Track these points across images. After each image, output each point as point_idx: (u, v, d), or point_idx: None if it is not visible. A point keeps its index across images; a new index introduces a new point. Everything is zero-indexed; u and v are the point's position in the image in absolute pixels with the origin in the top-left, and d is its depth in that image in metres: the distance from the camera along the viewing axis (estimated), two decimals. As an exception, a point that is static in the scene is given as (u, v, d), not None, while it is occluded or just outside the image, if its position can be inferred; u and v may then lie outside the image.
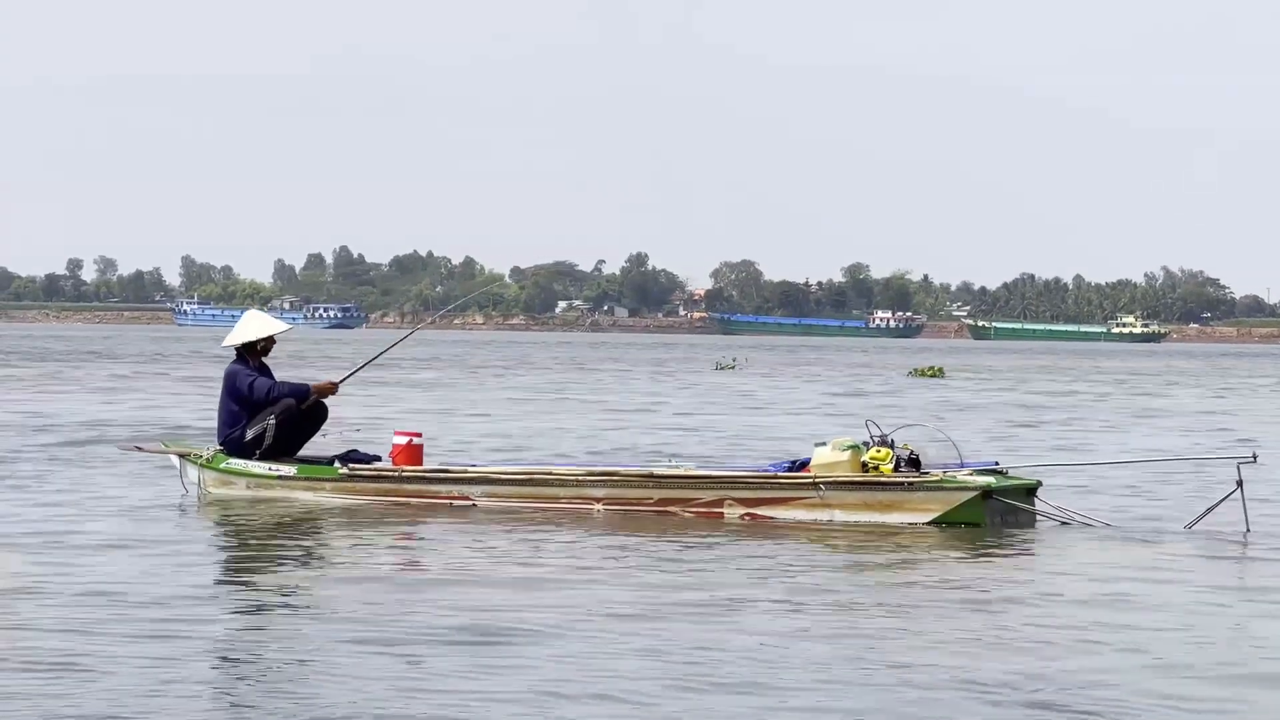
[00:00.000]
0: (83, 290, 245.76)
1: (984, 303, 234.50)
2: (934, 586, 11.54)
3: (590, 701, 7.99)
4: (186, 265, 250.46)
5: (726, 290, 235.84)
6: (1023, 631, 9.89)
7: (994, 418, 32.04)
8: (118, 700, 7.84)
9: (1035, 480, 14.87)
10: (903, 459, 14.52)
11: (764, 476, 14.74)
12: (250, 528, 14.12)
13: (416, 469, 15.41)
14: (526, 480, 15.19)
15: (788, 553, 12.90)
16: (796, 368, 65.50)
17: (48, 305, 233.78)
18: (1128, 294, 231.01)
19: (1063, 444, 25.05)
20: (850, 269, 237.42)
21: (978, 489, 14.25)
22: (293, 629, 9.73)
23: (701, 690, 8.22)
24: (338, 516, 14.69)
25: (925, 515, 14.26)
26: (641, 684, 8.30)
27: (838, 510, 14.42)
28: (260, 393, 15.59)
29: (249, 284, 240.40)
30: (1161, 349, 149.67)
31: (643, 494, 14.83)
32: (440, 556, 12.67)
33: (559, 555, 12.66)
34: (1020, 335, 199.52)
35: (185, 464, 16.08)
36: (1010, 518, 14.45)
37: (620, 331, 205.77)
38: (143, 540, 13.12)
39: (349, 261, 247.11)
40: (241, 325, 16.00)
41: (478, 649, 9.08)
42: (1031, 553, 13.36)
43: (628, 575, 11.79)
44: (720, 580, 11.57)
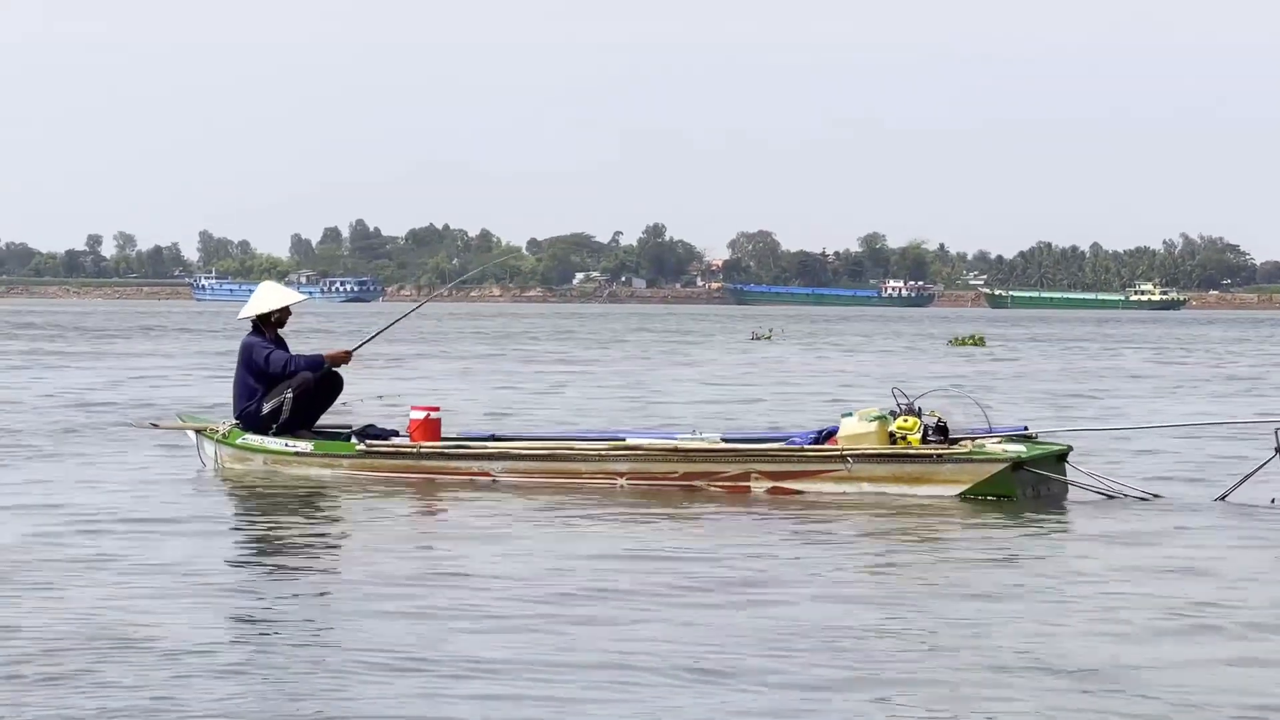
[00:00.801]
0: (102, 266, 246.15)
1: (1001, 272, 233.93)
2: (968, 563, 11.27)
3: (621, 687, 7.74)
4: (204, 240, 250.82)
5: (744, 261, 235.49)
6: (1053, 606, 9.63)
7: (1041, 386, 31.74)
8: (136, 685, 7.62)
9: (1065, 446, 14.58)
10: (930, 427, 14.24)
11: (790, 449, 14.46)
12: (267, 504, 13.88)
13: (435, 444, 15.13)
14: (548, 455, 14.90)
15: (815, 527, 12.64)
16: (832, 337, 65.16)
17: (68, 281, 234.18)
18: (1146, 261, 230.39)
19: (1106, 410, 24.76)
20: (867, 239, 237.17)
21: (1008, 460, 13.96)
22: (309, 607, 9.49)
23: (734, 675, 7.97)
24: (355, 493, 14.44)
25: (955, 488, 13.98)
26: (663, 663, 8.06)
27: (865, 483, 14.14)
28: (276, 366, 15.34)
29: (266, 258, 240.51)
30: (1181, 316, 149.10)
31: (667, 468, 14.55)
32: (460, 533, 12.41)
33: (583, 530, 12.40)
34: (1037, 304, 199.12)
35: (202, 439, 15.84)
36: (1042, 488, 14.18)
37: (638, 303, 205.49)
38: (158, 517, 12.88)
39: (365, 235, 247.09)
40: (257, 296, 15.74)
41: (504, 631, 8.84)
42: (1062, 524, 13.08)
43: (654, 550, 11.52)
44: (752, 555, 11.31)
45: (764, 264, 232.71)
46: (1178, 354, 50.80)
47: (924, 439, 14.16)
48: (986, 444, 14.21)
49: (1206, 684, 7.83)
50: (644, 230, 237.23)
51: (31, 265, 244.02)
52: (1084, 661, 8.22)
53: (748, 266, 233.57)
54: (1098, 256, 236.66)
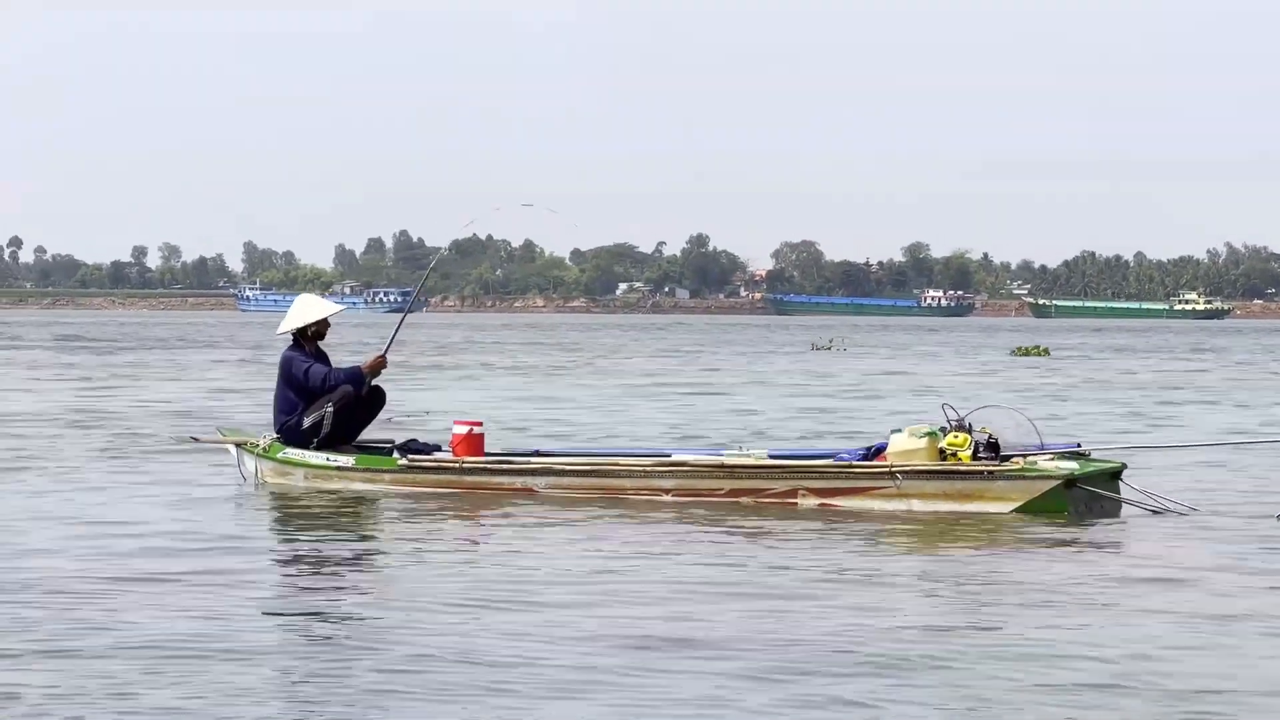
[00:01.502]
0: (147, 277, 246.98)
1: (1044, 281, 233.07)
2: (1021, 583, 11.03)
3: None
4: (249, 251, 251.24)
5: (787, 271, 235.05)
6: (1108, 627, 9.40)
7: (1106, 398, 31.41)
8: (184, 700, 7.52)
9: (1120, 464, 14.32)
10: (981, 443, 14.00)
11: (839, 465, 14.23)
12: (307, 520, 13.72)
13: (478, 460, 14.94)
14: (592, 471, 14.69)
15: (863, 546, 12.42)
16: (891, 348, 64.62)
17: (113, 292, 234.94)
18: (1190, 271, 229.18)
19: (1164, 423, 24.46)
20: (910, 248, 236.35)
21: (1061, 477, 13.72)
22: (349, 626, 9.31)
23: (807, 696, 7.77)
24: (397, 508, 14.26)
25: (1007, 505, 13.74)
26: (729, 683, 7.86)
27: (915, 500, 13.91)
28: (316, 380, 15.16)
29: (310, 269, 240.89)
30: (1225, 325, 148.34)
31: (713, 484, 14.33)
32: (503, 550, 12.23)
33: (627, 548, 12.20)
34: (1081, 313, 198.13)
35: (242, 453, 15.68)
36: (1095, 505, 13.92)
37: (681, 313, 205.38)
38: (198, 533, 12.73)
39: (409, 246, 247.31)
40: (294, 310, 15.54)
41: (552, 647, 8.65)
42: (1115, 543, 12.83)
43: (701, 569, 11.32)
44: (802, 573, 11.10)
45: (807, 274, 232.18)
46: (1243, 360, 50.24)
47: (975, 455, 13.93)
48: (1039, 461, 13.96)
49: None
50: (688, 240, 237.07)
51: (77, 276, 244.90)
52: (1156, 682, 8.01)
53: (791, 277, 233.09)
54: (1141, 266, 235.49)
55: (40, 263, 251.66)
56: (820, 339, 68.91)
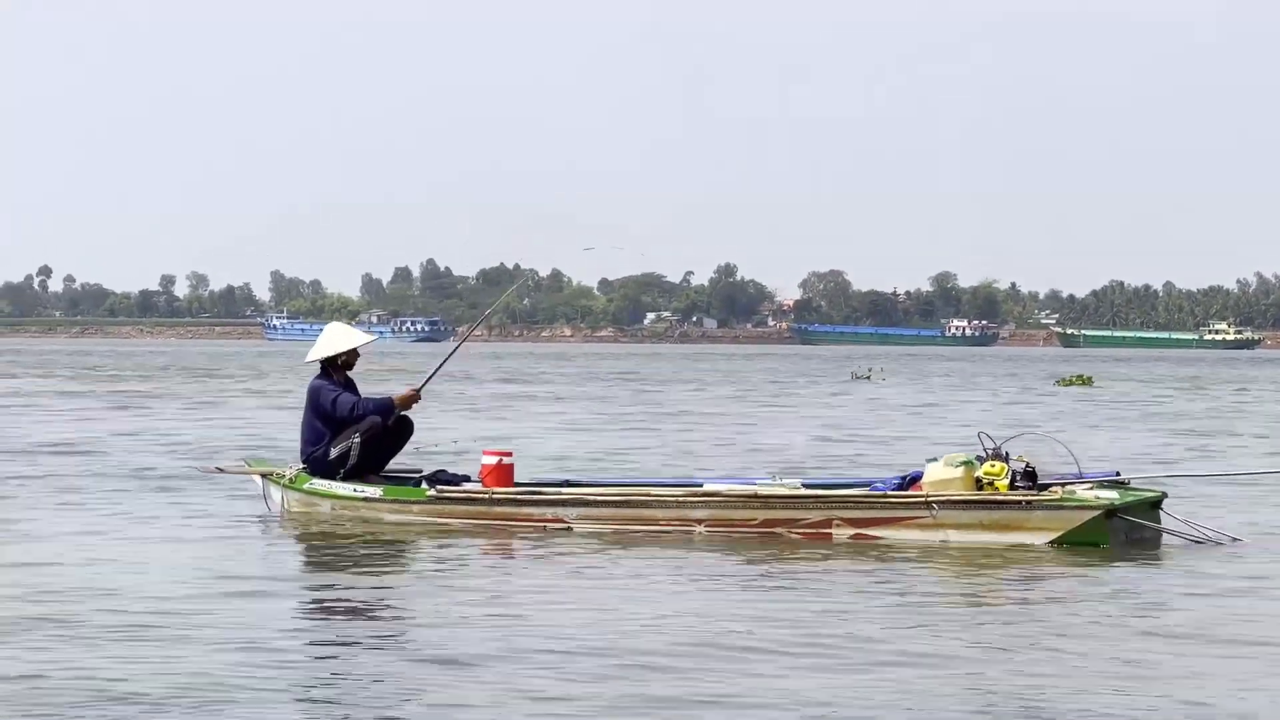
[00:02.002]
0: (175, 306, 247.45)
1: (1073, 311, 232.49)
2: (1066, 617, 10.78)
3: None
4: (276, 280, 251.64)
5: (815, 300, 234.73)
6: (1154, 663, 9.16)
7: (1149, 427, 31.07)
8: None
9: (1160, 493, 14.06)
10: (1018, 472, 13.76)
11: (873, 496, 14.00)
12: (335, 552, 13.51)
13: (507, 490, 14.72)
14: (624, 502, 14.46)
15: (900, 577, 12.18)
16: (931, 378, 64.00)
17: (141, 321, 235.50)
18: (1219, 300, 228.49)
19: (1208, 453, 24.12)
20: (938, 278, 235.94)
21: (1100, 508, 13.47)
22: (380, 661, 9.10)
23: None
24: (426, 540, 14.04)
25: (1045, 536, 13.49)
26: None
27: (951, 531, 13.67)
28: (344, 410, 14.95)
29: (337, 298, 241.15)
30: (1256, 355, 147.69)
31: (746, 515, 14.10)
32: (534, 583, 12.01)
33: (660, 580, 11.97)
34: (1110, 343, 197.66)
35: (268, 484, 15.47)
36: (1135, 536, 13.66)
37: (708, 343, 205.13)
38: (222, 566, 12.53)
39: (436, 275, 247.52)
40: (323, 339, 15.34)
41: (582, 684, 8.44)
42: (1158, 575, 12.57)
43: (736, 606, 11.09)
44: (837, 607, 10.87)
45: (835, 303, 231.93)
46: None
47: (1012, 485, 13.68)
48: (1077, 490, 13.71)
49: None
50: (715, 270, 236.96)
51: (106, 305, 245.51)
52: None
53: (819, 306, 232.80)
54: (1171, 295, 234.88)
55: (69, 291, 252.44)
56: (860, 369, 68.47)
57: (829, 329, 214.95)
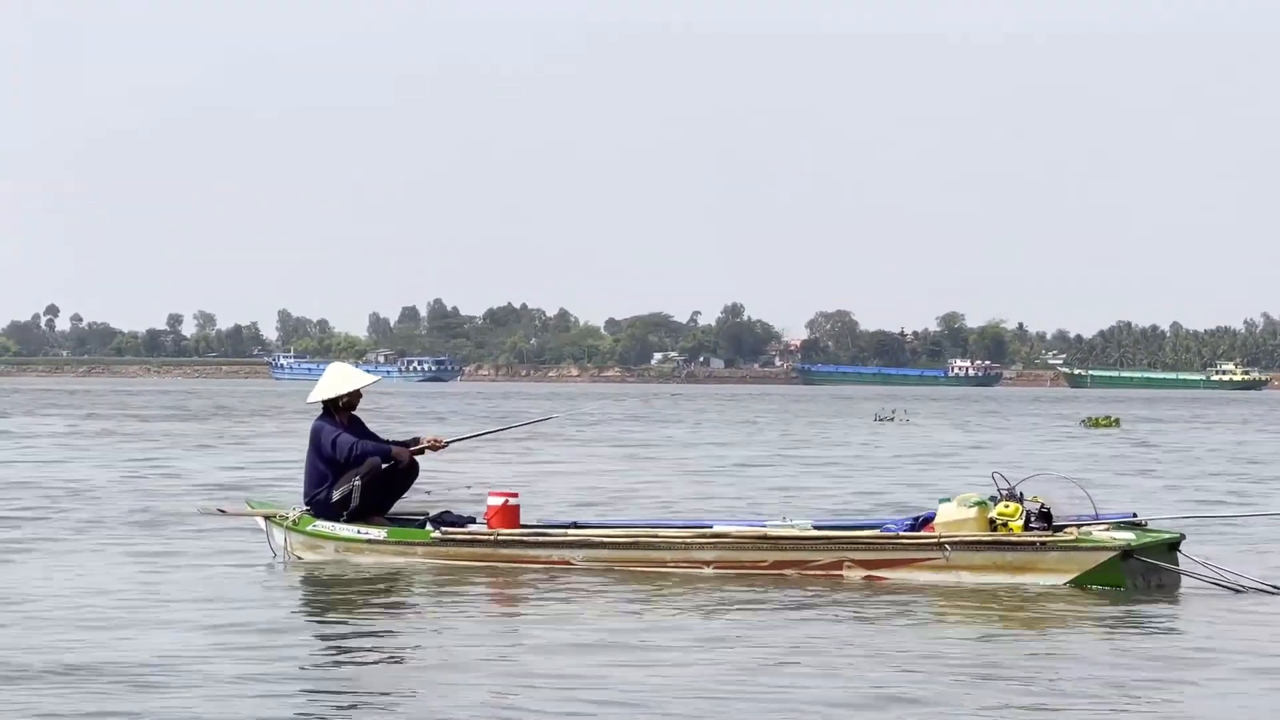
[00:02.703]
0: (182, 345, 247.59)
1: (1080, 351, 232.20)
2: (1077, 660, 10.55)
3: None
4: (283, 319, 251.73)
5: (822, 341, 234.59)
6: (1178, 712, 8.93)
7: (1192, 469, 30.71)
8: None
9: (1178, 534, 13.81)
10: (1033, 513, 13.52)
11: (885, 536, 13.76)
12: (338, 594, 13.30)
13: (513, 532, 14.49)
14: (630, 543, 14.23)
15: (913, 620, 11.94)
16: (954, 419, 63.18)
17: (149, 360, 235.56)
18: (1227, 341, 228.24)
19: (1252, 497, 23.77)
20: (945, 318, 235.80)
21: (1116, 548, 13.22)
22: (380, 709, 8.88)
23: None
24: (431, 582, 13.81)
25: (1060, 577, 13.25)
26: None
27: (965, 572, 13.43)
28: (342, 451, 14.71)
29: (344, 337, 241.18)
30: (1263, 396, 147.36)
31: (756, 556, 13.87)
32: (539, 629, 11.77)
33: (669, 625, 11.73)
34: (1117, 383, 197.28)
35: (271, 526, 15.25)
36: (1153, 578, 13.42)
37: (715, 383, 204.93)
38: (225, 610, 12.31)
39: (443, 314, 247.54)
40: (325, 380, 15.12)
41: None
42: (1176, 620, 12.33)
43: (748, 651, 10.86)
44: (849, 649, 10.64)
45: (842, 344, 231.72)
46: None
47: (1026, 526, 13.45)
48: (1093, 531, 13.48)
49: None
50: (722, 310, 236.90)
51: (113, 345, 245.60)
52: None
53: (826, 346, 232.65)
54: (1178, 336, 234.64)
55: (76, 330, 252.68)
56: (884, 410, 68.08)
57: (832, 369, 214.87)
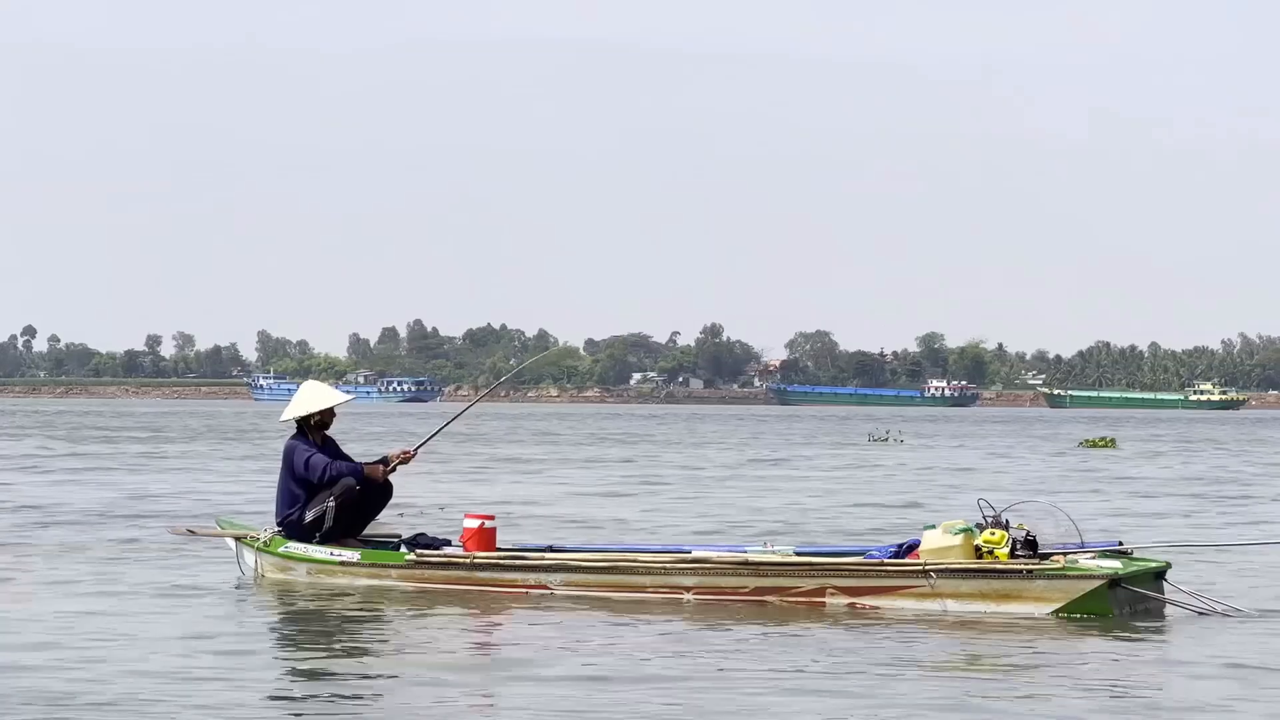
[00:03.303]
0: (161, 366, 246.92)
1: (1059, 371, 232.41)
2: (1064, 692, 10.30)
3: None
4: (263, 340, 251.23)
5: (801, 361, 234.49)
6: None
7: (1192, 492, 30.40)
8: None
9: (1164, 563, 13.59)
10: (1018, 541, 13.29)
11: (869, 564, 13.51)
12: (309, 617, 13.02)
13: (489, 555, 14.22)
14: (609, 567, 13.97)
15: (897, 649, 11.69)
16: (948, 441, 62.48)
17: (127, 381, 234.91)
18: (1205, 361, 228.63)
19: (1220, 520, 23.51)
20: (925, 338, 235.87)
21: (1104, 577, 12.98)
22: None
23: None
24: (405, 606, 13.54)
25: (1046, 606, 13.00)
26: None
27: (950, 600, 13.17)
28: (316, 471, 14.45)
29: (324, 358, 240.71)
30: (1240, 416, 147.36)
31: (737, 582, 13.61)
32: (516, 653, 11.50)
33: (645, 651, 11.47)
34: (1096, 403, 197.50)
35: (242, 547, 14.98)
36: (1139, 607, 13.18)
37: (694, 403, 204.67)
38: (193, 634, 12.03)
39: (423, 335, 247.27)
40: (298, 398, 14.85)
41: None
42: (1165, 647, 12.09)
43: (727, 678, 10.60)
44: (831, 679, 10.39)
45: (821, 364, 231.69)
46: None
47: (1012, 553, 13.21)
48: (1080, 559, 13.24)
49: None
50: (702, 330, 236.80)
51: (91, 365, 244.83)
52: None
53: (805, 367, 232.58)
54: (1156, 356, 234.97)
55: (54, 351, 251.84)
56: (877, 431, 67.83)
57: (807, 389, 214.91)
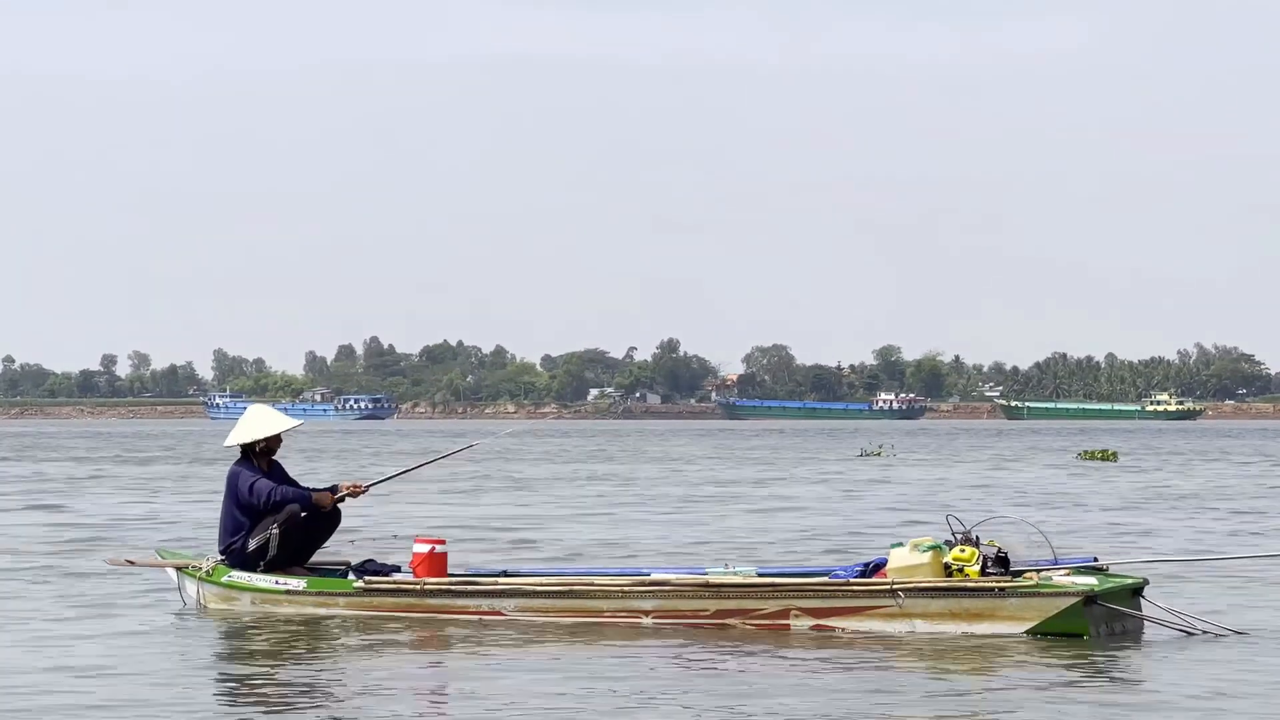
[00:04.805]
0: (117, 385, 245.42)
1: (1016, 383, 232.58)
2: (1041, 713, 9.82)
3: None
4: (219, 359, 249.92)
5: (759, 375, 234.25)
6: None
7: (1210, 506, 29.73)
8: None
9: (1141, 579, 13.12)
10: (989, 558, 12.80)
11: (834, 584, 13.01)
12: (254, 648, 12.48)
13: (440, 581, 13.69)
14: (565, 592, 13.45)
15: (864, 673, 11.20)
16: (940, 455, 61.36)
17: (82, 401, 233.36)
18: (1161, 371, 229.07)
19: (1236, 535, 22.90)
20: (881, 351, 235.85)
21: (1079, 594, 12.50)
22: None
23: None
24: (354, 635, 13.00)
25: (1020, 625, 12.51)
26: None
27: (919, 620, 12.68)
28: (260, 496, 13.89)
29: (280, 376, 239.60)
30: (1197, 427, 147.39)
31: (698, 605, 13.09)
32: (469, 684, 10.99)
33: (602, 681, 10.96)
34: (1053, 414, 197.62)
35: (184, 577, 14.40)
36: (1116, 625, 12.71)
37: (652, 418, 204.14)
38: (131, 669, 11.48)
39: (379, 352, 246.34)
40: (243, 423, 14.27)
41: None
42: (1139, 668, 11.62)
43: (690, 704, 10.09)
44: (796, 705, 9.89)
45: (778, 378, 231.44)
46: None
47: (983, 571, 12.72)
48: (1054, 576, 12.76)
49: None
50: (658, 346, 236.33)
51: (46, 386, 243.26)
52: None
53: (763, 381, 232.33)
54: (1113, 367, 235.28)
55: (9, 372, 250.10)
56: (870, 445, 67.41)
57: (756, 403, 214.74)
